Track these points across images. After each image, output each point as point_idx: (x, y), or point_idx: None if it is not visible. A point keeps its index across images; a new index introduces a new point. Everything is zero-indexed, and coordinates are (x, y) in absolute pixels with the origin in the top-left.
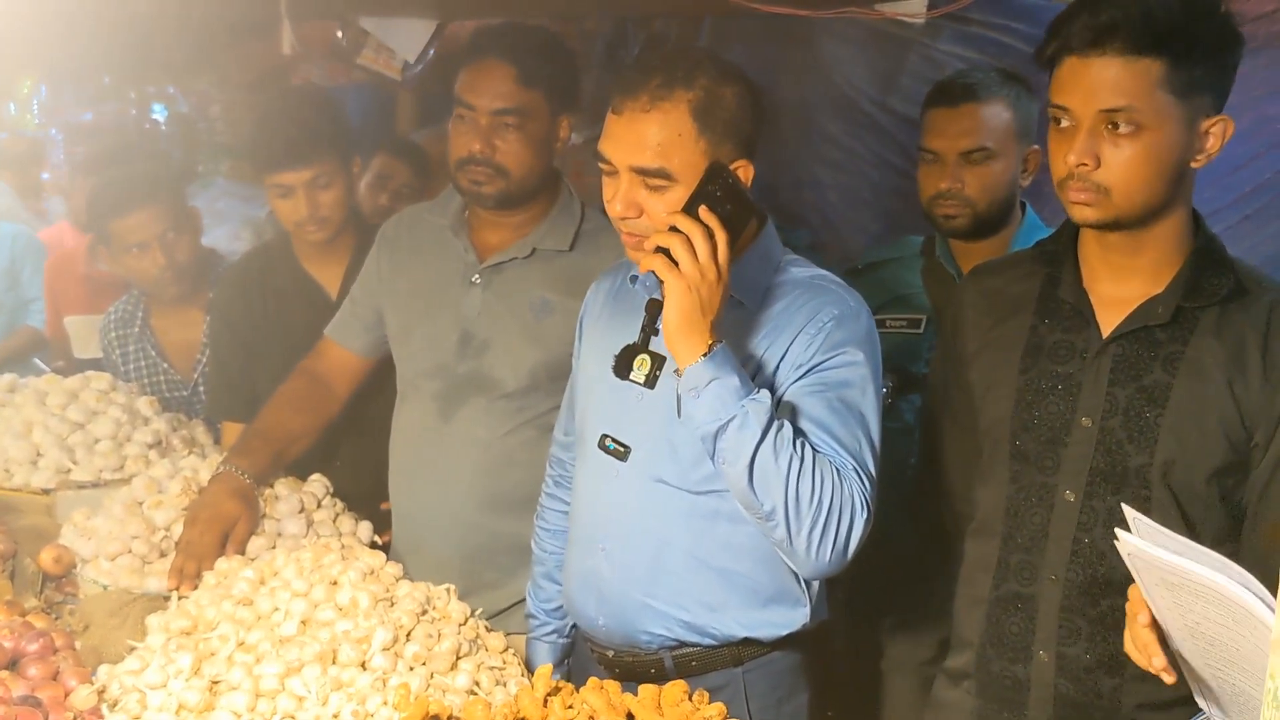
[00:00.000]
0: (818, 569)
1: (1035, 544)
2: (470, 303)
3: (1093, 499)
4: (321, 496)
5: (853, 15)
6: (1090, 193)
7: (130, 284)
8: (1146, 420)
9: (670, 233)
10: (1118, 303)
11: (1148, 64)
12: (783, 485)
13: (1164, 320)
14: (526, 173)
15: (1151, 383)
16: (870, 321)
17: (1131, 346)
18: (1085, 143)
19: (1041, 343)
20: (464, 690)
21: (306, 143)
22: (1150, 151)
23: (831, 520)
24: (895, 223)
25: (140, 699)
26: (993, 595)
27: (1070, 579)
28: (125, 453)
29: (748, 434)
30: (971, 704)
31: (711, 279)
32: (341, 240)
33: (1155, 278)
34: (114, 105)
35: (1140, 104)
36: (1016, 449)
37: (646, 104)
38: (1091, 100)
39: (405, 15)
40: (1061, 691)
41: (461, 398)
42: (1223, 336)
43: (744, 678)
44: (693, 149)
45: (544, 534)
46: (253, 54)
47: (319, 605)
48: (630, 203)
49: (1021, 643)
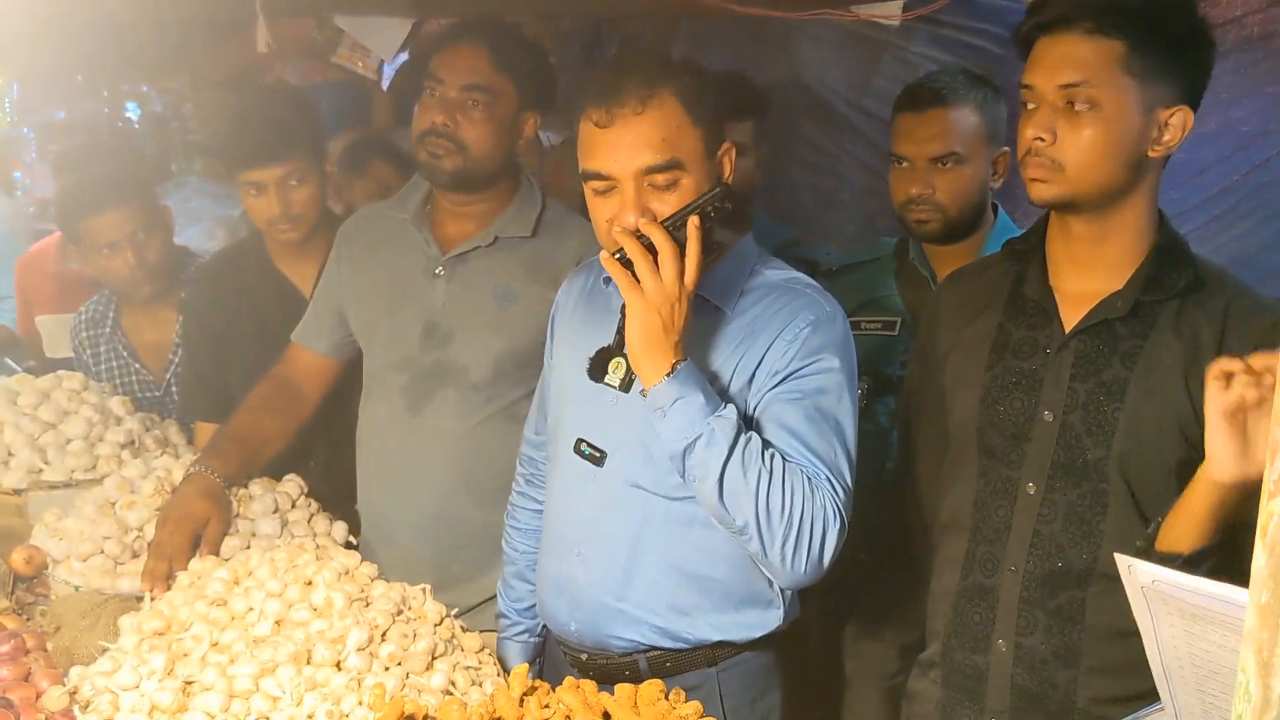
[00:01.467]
0: (794, 580)
1: (999, 536)
2: (434, 294)
3: (1053, 492)
4: (296, 497)
5: (828, 17)
6: (1045, 169)
7: (101, 284)
8: (1105, 414)
9: (639, 244)
10: (1081, 298)
11: (1109, 43)
12: (753, 500)
13: (1122, 313)
14: (485, 154)
15: (1110, 377)
16: (846, 326)
17: (1092, 341)
18: (1043, 118)
19: (1008, 340)
20: (439, 690)
21: (279, 140)
22: (1106, 130)
23: (804, 532)
24: (870, 223)
25: (113, 700)
26: (959, 587)
27: (1029, 570)
28: (97, 453)
29: (715, 451)
30: (937, 694)
31: (675, 299)
32: (315, 240)
33: (1117, 273)
34: (87, 104)
35: (1098, 80)
36: (983, 444)
37: (637, 106)
38: (1053, 76)
39: (381, 14)
40: (1018, 682)
41: (429, 390)
42: (1180, 332)
43: (718, 677)
44: (691, 137)
45: (515, 533)
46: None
47: (294, 605)
48: (643, 209)
49: (982, 633)
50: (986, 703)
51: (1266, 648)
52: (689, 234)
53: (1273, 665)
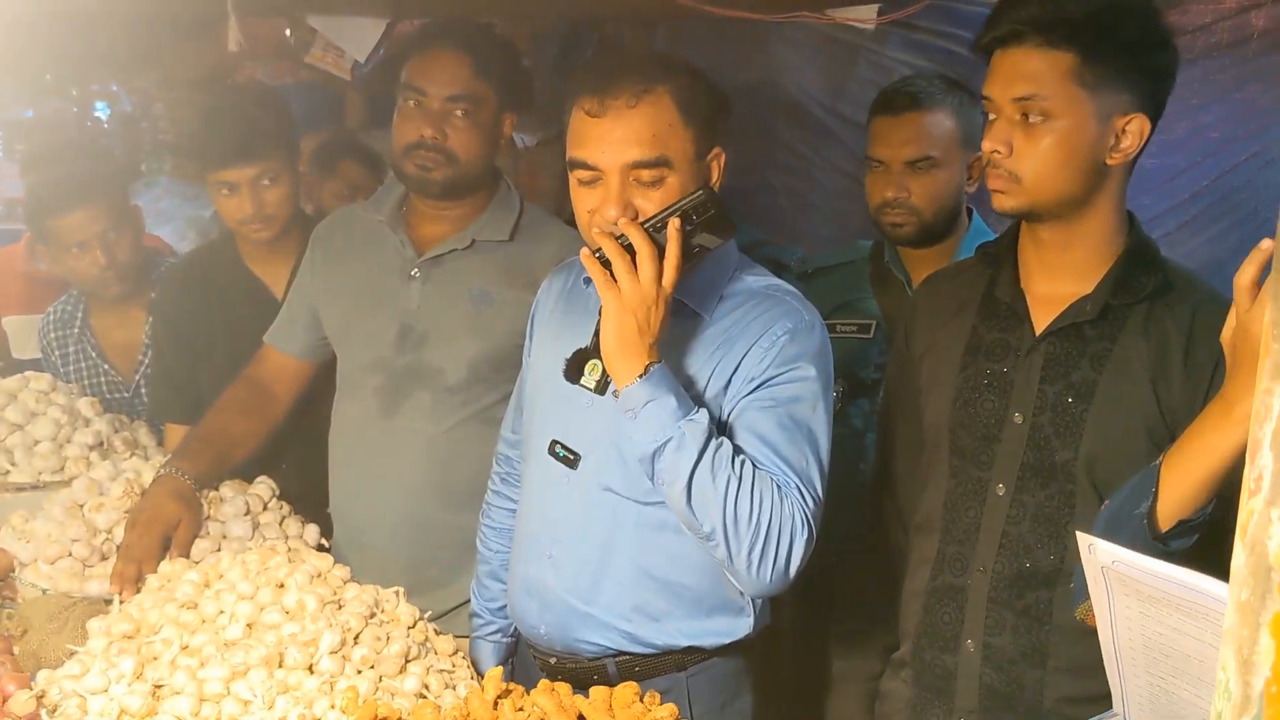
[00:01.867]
0: (760, 588)
1: (969, 537)
2: (409, 296)
3: (1022, 493)
4: (268, 499)
5: (804, 20)
6: (1004, 180)
7: (70, 283)
8: (1073, 416)
9: (618, 245)
10: (1051, 301)
11: (1059, 56)
12: (720, 506)
13: (1091, 316)
14: (474, 161)
15: (1079, 379)
16: (824, 335)
17: (1062, 344)
18: (1000, 130)
19: (980, 342)
20: (413, 693)
21: (251, 139)
22: (1060, 141)
23: (771, 540)
24: (846, 227)
25: (81, 704)
26: (929, 587)
27: (998, 571)
28: (65, 454)
29: (684, 455)
30: (908, 693)
31: (651, 301)
32: (287, 240)
33: (1087, 276)
34: (56, 103)
35: (1049, 93)
36: (955, 445)
37: (631, 99)
38: (1007, 89)
39: (355, 14)
40: (986, 681)
41: (404, 392)
42: (1149, 335)
43: (687, 682)
44: (683, 137)
45: (489, 532)
46: (198, 52)
47: (265, 608)
48: (625, 203)
49: (951, 632)
50: (956, 702)
51: (1247, 645)
52: (669, 236)
53: (1253, 663)
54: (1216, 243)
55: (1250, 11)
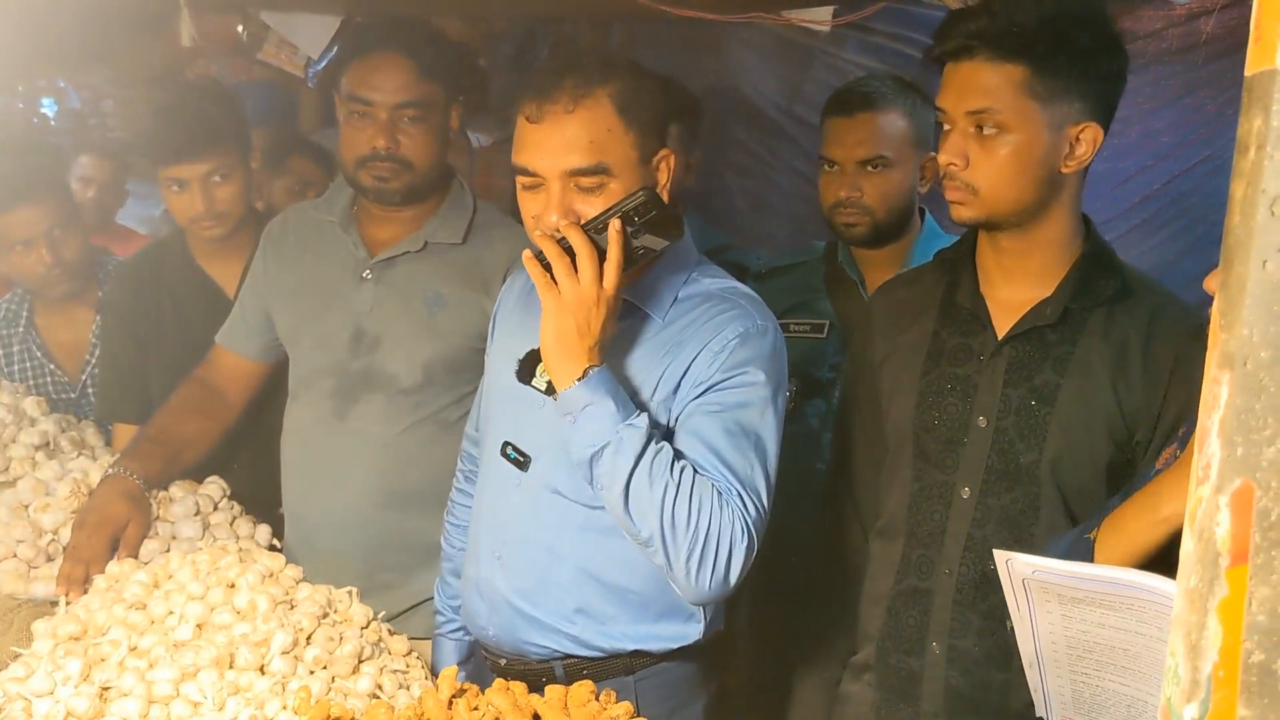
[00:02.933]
0: (698, 595)
1: (934, 540)
2: (362, 299)
3: (987, 496)
4: (218, 499)
5: (760, 20)
6: (961, 191)
7: (14, 282)
8: (1036, 419)
9: (559, 246)
10: (1012, 306)
11: (1010, 69)
12: (658, 512)
13: (1052, 321)
14: (429, 165)
15: (1042, 382)
16: (777, 339)
17: (1024, 348)
18: (955, 143)
19: (942, 347)
20: (366, 694)
21: (202, 135)
22: (1014, 153)
23: (709, 547)
24: (802, 228)
25: (26, 707)
26: (894, 590)
27: (963, 573)
28: (10, 454)
29: (621, 460)
30: (871, 696)
31: (590, 302)
32: (239, 238)
33: (1046, 281)
34: (1, 99)
35: (1002, 106)
36: (919, 449)
37: (568, 104)
38: (960, 102)
39: (308, 11)
40: (952, 683)
41: (356, 395)
42: (1108, 338)
43: (635, 686)
44: (623, 142)
45: (452, 530)
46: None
47: (216, 608)
48: (566, 209)
49: (917, 635)
50: (921, 705)
51: (1195, 631)
52: (610, 238)
53: (1201, 648)
54: (1166, 246)
55: (1200, 18)
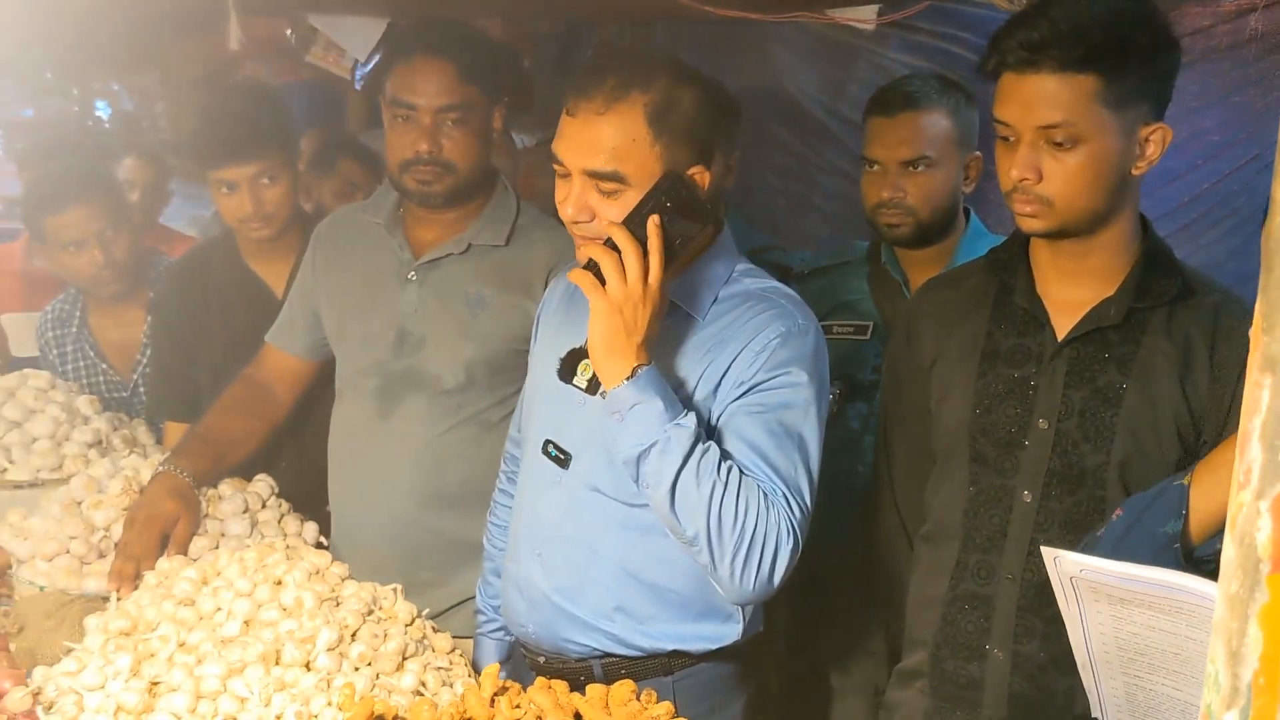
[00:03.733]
0: (742, 596)
1: (994, 544)
2: (406, 300)
3: (1049, 500)
4: (266, 497)
5: (804, 19)
6: (1035, 205)
7: (67, 282)
8: (1102, 421)
9: (604, 247)
10: (1070, 306)
11: (1082, 79)
12: (704, 512)
13: (1116, 321)
14: (472, 167)
15: (1106, 384)
16: (819, 339)
17: (1086, 349)
18: (1026, 157)
19: (997, 348)
20: (410, 691)
21: (251, 138)
22: (1090, 163)
23: (755, 548)
24: (844, 228)
25: (77, 701)
26: (949, 595)
27: (1027, 578)
28: (64, 452)
29: (669, 459)
30: (924, 704)
31: (637, 300)
32: (287, 238)
33: (1105, 280)
34: (56, 101)
35: (1077, 118)
36: (975, 453)
37: (601, 106)
38: (1029, 116)
39: (355, 13)
40: (1015, 690)
41: (399, 395)
42: (1172, 337)
43: (674, 686)
44: (647, 153)
45: (495, 530)
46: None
47: (263, 605)
48: (582, 206)
49: (976, 641)
50: (982, 712)
51: (1235, 638)
52: (649, 234)
53: (1241, 655)
54: (1215, 246)
55: (1248, 15)
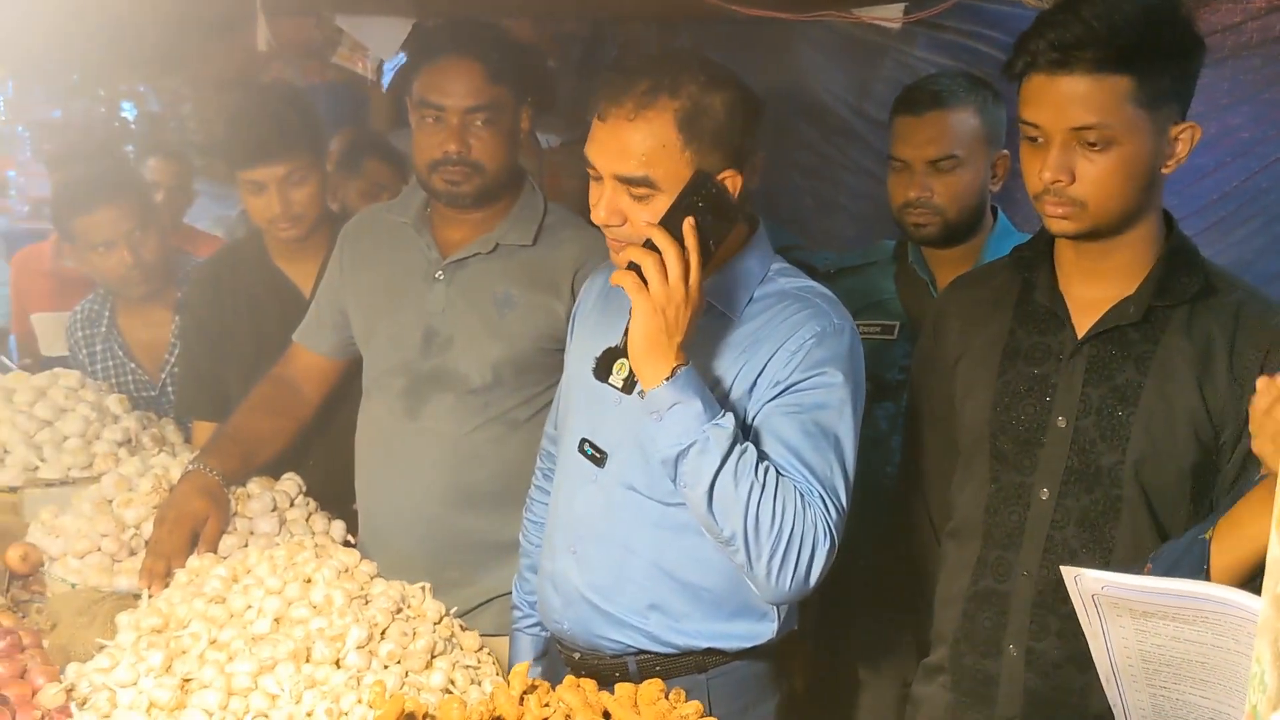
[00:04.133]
0: (778, 595)
1: (1011, 541)
2: (433, 299)
3: (1066, 498)
4: (294, 495)
5: (830, 18)
6: (1067, 206)
7: (96, 282)
8: (1119, 419)
9: (644, 248)
10: (1092, 304)
11: (1115, 81)
12: (742, 512)
13: (1135, 320)
14: (499, 167)
15: (1124, 382)
16: (854, 339)
17: (1105, 347)
18: (1059, 159)
19: (1019, 346)
20: (439, 689)
21: (279, 139)
22: (1123, 164)
23: (792, 549)
24: (870, 228)
25: (110, 697)
26: (969, 592)
27: (1042, 575)
28: (94, 450)
29: (707, 460)
30: (945, 699)
31: (679, 300)
32: (315, 238)
33: (1128, 279)
34: (83, 103)
35: (1110, 120)
36: (995, 450)
37: (631, 112)
38: (1061, 118)
39: (381, 14)
40: (1030, 686)
41: (426, 394)
42: (1192, 336)
43: (708, 684)
44: (677, 159)
45: (531, 526)
46: (226, 52)
47: (293, 603)
48: (614, 210)
49: (993, 638)
50: (997, 708)
51: None
52: (685, 234)
53: None
54: (1243, 244)
55: (1279, 11)
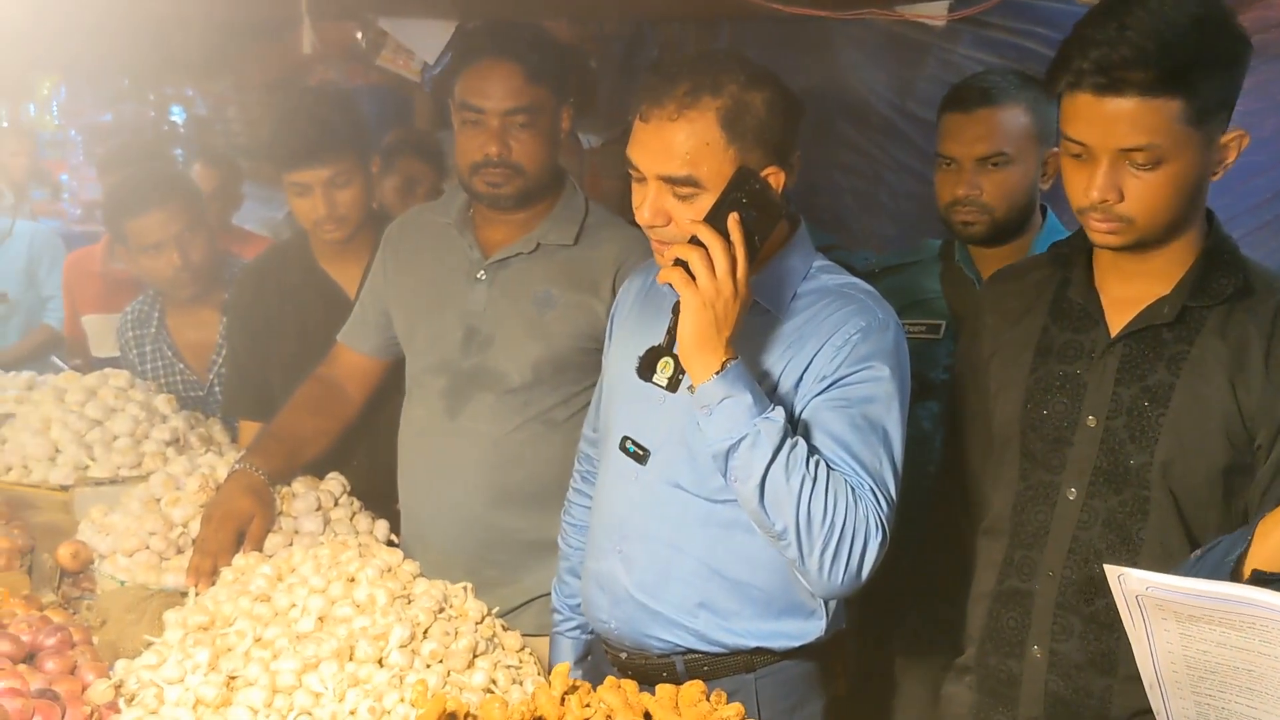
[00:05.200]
0: (830, 589)
1: (1037, 541)
2: (475, 299)
3: (1093, 498)
4: (338, 494)
5: (873, 16)
6: (1114, 223)
7: (146, 284)
8: (1148, 419)
9: (690, 245)
10: (1127, 303)
11: (1164, 102)
12: (794, 506)
13: (1169, 320)
14: (541, 169)
15: (1155, 382)
16: (899, 334)
17: (1138, 346)
18: (1107, 178)
19: (1051, 343)
20: (480, 688)
21: (325, 141)
22: (1172, 180)
23: (844, 542)
24: (912, 227)
25: (157, 693)
26: (995, 591)
27: (1066, 576)
28: (143, 450)
29: (759, 453)
30: (971, 699)
31: (728, 294)
32: (359, 240)
33: (1166, 278)
34: (133, 107)
35: (1159, 140)
36: (1025, 448)
37: (674, 112)
38: (1109, 139)
39: (424, 16)
40: (1052, 688)
41: (467, 394)
42: (1227, 337)
43: (756, 684)
44: (721, 157)
45: (570, 529)
46: (271, 55)
47: (336, 602)
48: (658, 210)
49: (1017, 638)
50: (1020, 709)
51: None
52: (730, 230)
53: None
54: None
55: None
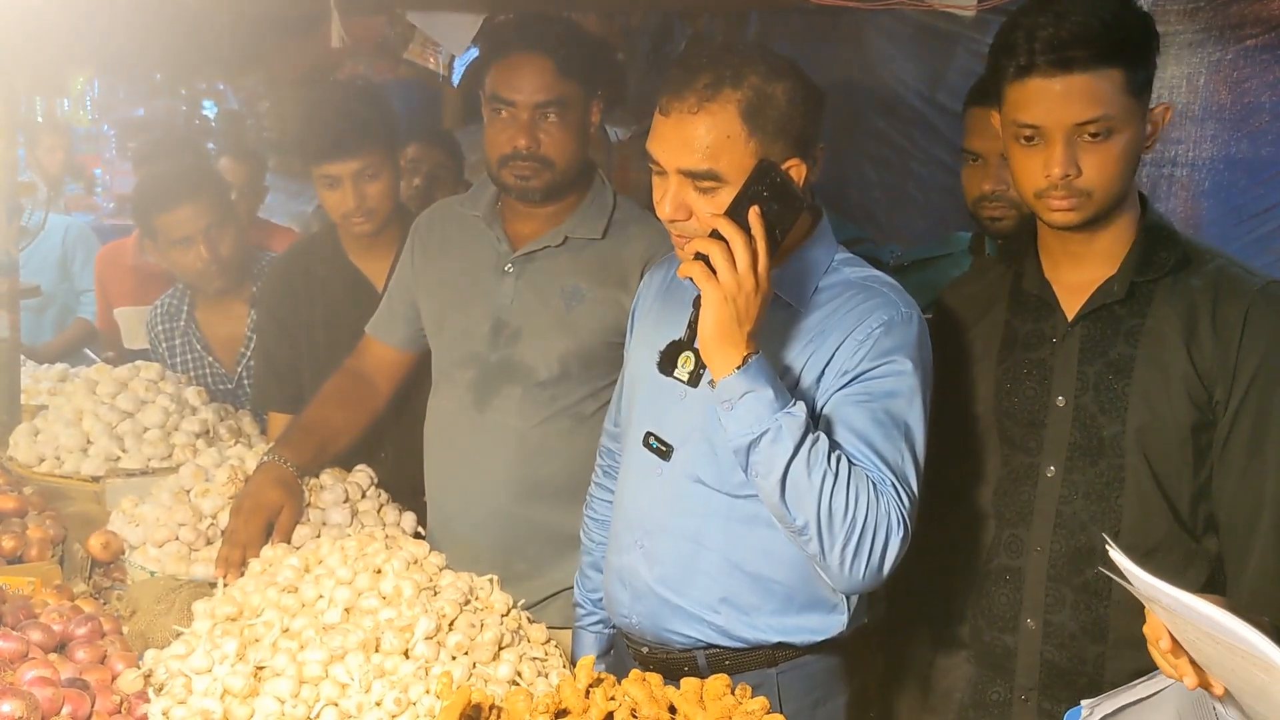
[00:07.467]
0: (851, 585)
1: (1022, 519)
2: (503, 291)
3: (1072, 472)
4: (366, 487)
5: (902, 7)
6: (1074, 198)
7: (176, 277)
8: (1116, 391)
9: (711, 239)
10: (1079, 287)
11: (1111, 73)
12: (815, 501)
13: (1120, 297)
14: (570, 162)
15: (1117, 356)
16: (922, 328)
17: (1095, 325)
18: (1065, 153)
19: (1015, 334)
20: (506, 680)
21: (354, 134)
22: (1123, 151)
23: (865, 538)
24: (942, 220)
25: (186, 683)
26: (984, 570)
27: (1055, 550)
28: (173, 441)
29: (780, 448)
30: (967, 672)
31: (749, 289)
32: (388, 233)
33: (1111, 259)
34: (165, 102)
35: (1111, 110)
36: (1003, 435)
37: (694, 105)
38: (1065, 115)
39: (452, 10)
40: (1048, 658)
41: (494, 387)
42: (1175, 305)
43: (778, 679)
44: (742, 150)
45: (591, 524)
46: (301, 49)
47: (363, 593)
48: (679, 204)
49: (1010, 613)
50: (1016, 679)
51: None
52: (751, 224)
53: None
54: None
55: None
